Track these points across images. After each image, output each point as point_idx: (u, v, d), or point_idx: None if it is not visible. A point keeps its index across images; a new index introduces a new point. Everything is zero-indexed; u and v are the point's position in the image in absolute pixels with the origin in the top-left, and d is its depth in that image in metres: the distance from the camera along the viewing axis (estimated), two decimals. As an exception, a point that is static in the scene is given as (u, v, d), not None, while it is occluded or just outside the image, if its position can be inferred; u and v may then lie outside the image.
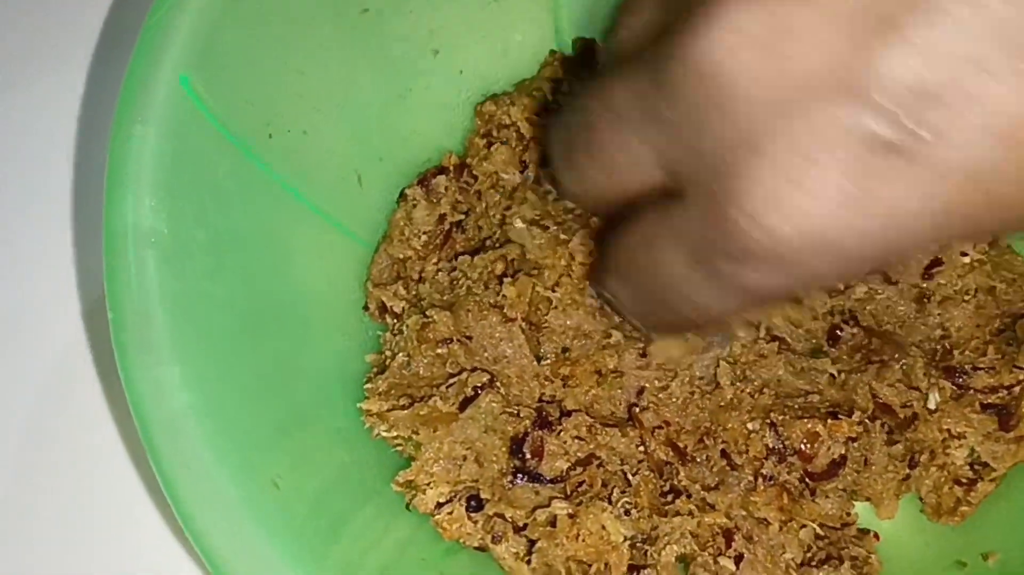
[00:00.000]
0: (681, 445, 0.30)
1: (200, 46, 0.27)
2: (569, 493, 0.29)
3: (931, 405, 0.31)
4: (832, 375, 0.31)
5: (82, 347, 0.34)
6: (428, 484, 0.30)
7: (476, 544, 0.30)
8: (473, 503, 0.30)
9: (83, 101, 0.37)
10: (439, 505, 0.30)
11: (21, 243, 0.36)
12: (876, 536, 0.31)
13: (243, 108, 0.28)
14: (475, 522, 0.30)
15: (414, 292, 0.33)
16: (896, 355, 0.32)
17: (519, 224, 0.33)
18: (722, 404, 0.30)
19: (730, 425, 0.30)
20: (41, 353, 0.35)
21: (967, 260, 0.33)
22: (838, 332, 0.33)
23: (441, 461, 0.30)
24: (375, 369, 0.32)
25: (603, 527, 0.28)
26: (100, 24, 0.37)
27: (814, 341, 0.33)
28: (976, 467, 0.31)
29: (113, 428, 0.34)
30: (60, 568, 0.33)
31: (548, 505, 0.28)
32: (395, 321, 0.33)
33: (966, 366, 0.32)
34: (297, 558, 0.23)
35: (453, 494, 0.30)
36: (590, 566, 0.28)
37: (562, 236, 0.32)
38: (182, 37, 0.27)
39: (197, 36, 0.27)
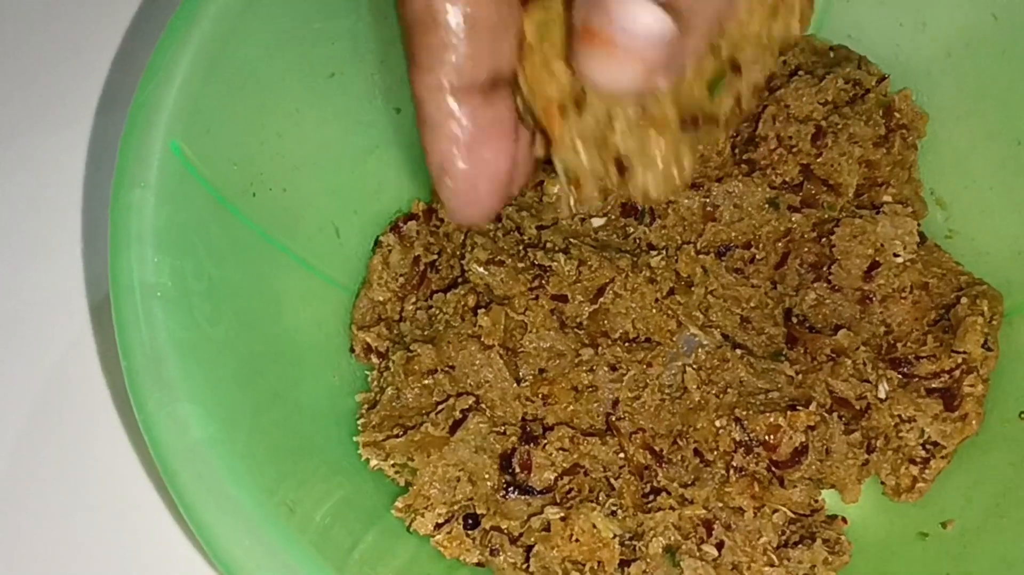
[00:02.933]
0: (657, 448, 0.32)
1: (186, 116, 0.29)
2: (559, 500, 0.31)
3: (881, 395, 0.34)
4: (790, 376, 0.34)
5: (88, 342, 0.37)
6: (426, 507, 0.32)
7: (475, 561, 0.32)
8: (470, 521, 0.32)
9: (92, 132, 0.41)
10: (438, 526, 0.32)
11: (32, 245, 0.40)
12: (844, 520, 0.33)
13: (228, 169, 0.31)
14: (473, 539, 0.31)
15: (396, 331, 0.35)
16: (847, 353, 0.35)
17: (476, 267, 0.35)
18: (690, 407, 0.33)
19: (700, 425, 0.32)
20: (48, 347, 0.37)
21: (900, 260, 0.36)
22: (794, 336, 0.35)
23: (437, 484, 0.32)
24: (366, 406, 0.34)
25: (594, 526, 0.30)
26: (103, 80, 0.42)
27: (773, 346, 0.35)
28: (928, 447, 0.34)
29: (117, 420, 0.36)
30: (62, 563, 0.34)
31: (541, 512, 0.30)
32: (380, 360, 0.35)
33: (909, 356, 0.35)
34: (317, 569, 0.24)
35: (450, 514, 0.32)
36: (584, 565, 0.30)
37: (519, 265, 0.35)
38: (170, 108, 0.29)
39: (183, 107, 0.29)
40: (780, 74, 0.38)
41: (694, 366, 0.33)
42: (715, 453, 0.32)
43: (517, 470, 0.31)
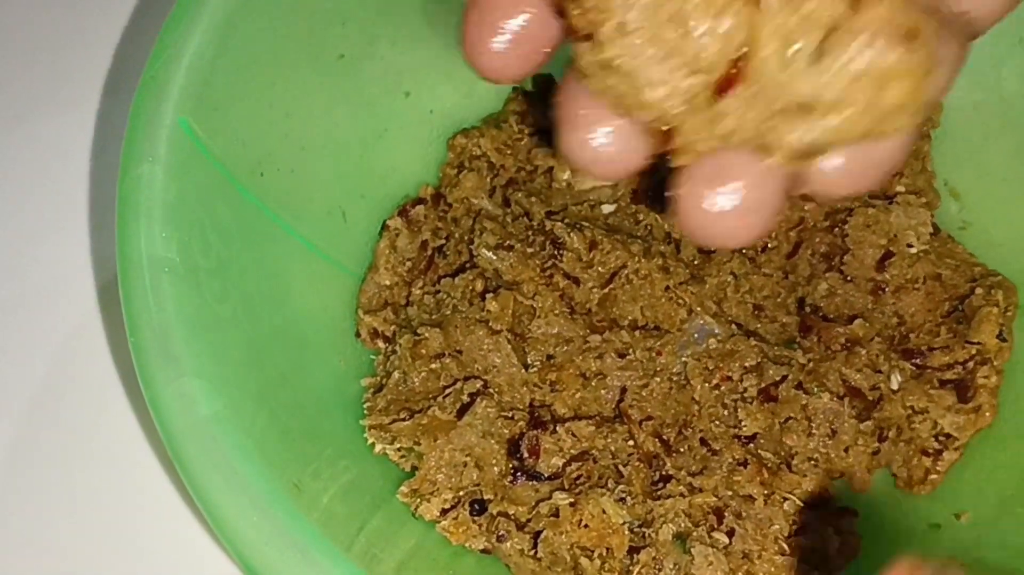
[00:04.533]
0: (665, 437, 0.32)
1: (196, 92, 0.29)
2: (567, 487, 0.31)
3: (894, 386, 0.34)
4: (802, 364, 0.34)
5: (96, 322, 0.37)
6: (432, 492, 0.31)
7: (481, 547, 0.31)
8: (476, 507, 0.31)
9: (98, 114, 0.41)
10: (444, 511, 0.31)
11: (39, 227, 0.39)
12: (855, 513, 0.33)
13: (237, 148, 0.30)
14: (480, 525, 0.31)
15: (403, 316, 0.35)
16: (862, 343, 0.34)
17: (486, 252, 0.35)
18: (695, 398, 0.33)
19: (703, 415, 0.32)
20: (56, 327, 0.37)
21: (914, 251, 0.36)
22: (808, 324, 0.35)
23: (444, 469, 0.31)
24: (372, 390, 0.34)
25: (603, 511, 0.29)
26: (109, 62, 0.42)
27: (786, 334, 0.35)
28: (941, 439, 0.33)
29: (124, 398, 0.36)
30: (68, 542, 0.34)
31: (549, 498, 0.30)
32: (387, 345, 0.35)
33: (922, 347, 0.34)
34: (324, 547, 0.24)
35: (457, 499, 0.31)
36: (593, 551, 0.29)
37: (528, 251, 0.34)
38: (179, 84, 0.29)
39: (192, 83, 0.29)
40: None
41: (696, 358, 0.33)
42: (721, 442, 0.32)
43: (525, 455, 0.31)
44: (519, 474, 0.31)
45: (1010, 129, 0.35)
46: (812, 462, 0.32)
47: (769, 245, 0.36)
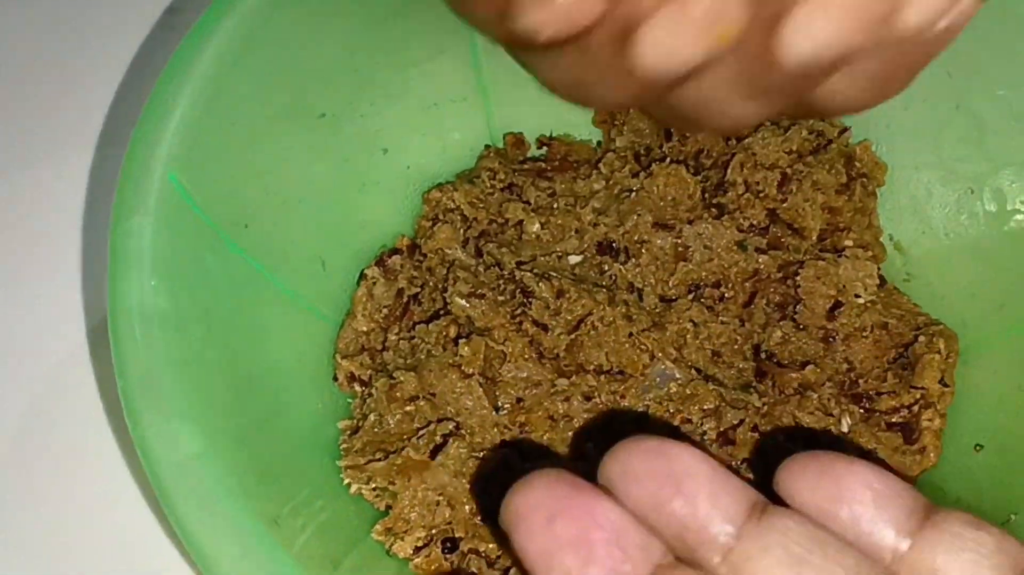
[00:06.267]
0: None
1: (184, 149, 0.31)
2: (534, 524, 0.32)
3: (844, 428, 0.36)
4: (757, 407, 0.36)
5: (85, 361, 0.39)
6: (405, 531, 0.33)
7: (453, 584, 0.33)
8: (448, 544, 0.33)
9: (91, 168, 0.43)
10: (417, 550, 0.33)
11: (32, 272, 0.41)
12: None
13: (223, 202, 0.32)
14: (451, 562, 0.32)
15: (379, 360, 0.37)
16: (814, 387, 0.36)
17: (459, 300, 0.36)
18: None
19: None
20: (46, 364, 0.39)
21: (861, 301, 0.38)
22: (763, 370, 0.37)
23: (417, 508, 0.33)
24: (348, 432, 0.35)
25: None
26: (103, 118, 0.44)
27: (743, 379, 0.37)
28: (888, 479, 0.35)
29: (110, 435, 0.37)
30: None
31: (517, 535, 0.31)
32: (363, 388, 0.36)
33: (870, 392, 0.36)
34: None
35: (429, 538, 0.33)
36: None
37: (499, 299, 0.36)
38: (169, 141, 0.31)
39: (181, 140, 0.31)
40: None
41: (658, 401, 0.35)
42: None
43: (495, 495, 0.32)
44: (490, 513, 0.32)
45: (950, 187, 0.38)
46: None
47: (726, 295, 0.38)
